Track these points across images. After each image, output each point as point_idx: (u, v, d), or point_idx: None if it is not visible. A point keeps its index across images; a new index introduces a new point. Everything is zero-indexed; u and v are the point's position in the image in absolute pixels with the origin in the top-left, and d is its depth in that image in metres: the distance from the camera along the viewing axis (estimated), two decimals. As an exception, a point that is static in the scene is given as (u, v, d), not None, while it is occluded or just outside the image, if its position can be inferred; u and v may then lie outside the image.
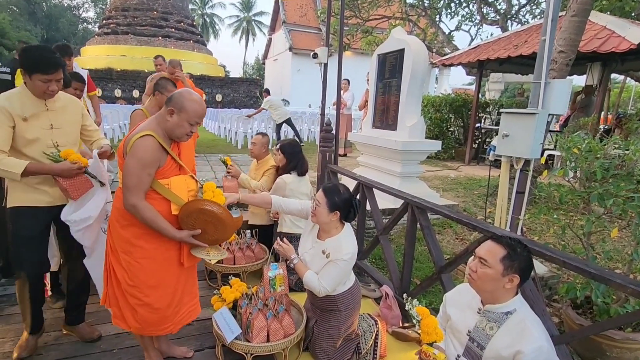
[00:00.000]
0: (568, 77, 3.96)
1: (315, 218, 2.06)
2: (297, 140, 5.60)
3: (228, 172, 3.06)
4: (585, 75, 6.51)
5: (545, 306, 1.89)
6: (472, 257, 1.72)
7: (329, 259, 2.01)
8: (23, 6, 34.05)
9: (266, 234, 3.31)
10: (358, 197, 3.14)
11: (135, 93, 17.62)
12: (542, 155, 2.72)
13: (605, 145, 2.24)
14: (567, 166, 2.23)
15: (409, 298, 2.14)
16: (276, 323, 2.09)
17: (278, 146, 3.15)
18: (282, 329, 2.09)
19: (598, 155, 2.06)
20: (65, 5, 39.77)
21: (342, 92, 6.02)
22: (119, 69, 17.27)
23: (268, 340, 2.06)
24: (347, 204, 2.02)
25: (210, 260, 1.92)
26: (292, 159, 3.08)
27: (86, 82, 4.15)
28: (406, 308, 2.16)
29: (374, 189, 3.11)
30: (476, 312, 1.71)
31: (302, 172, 3.11)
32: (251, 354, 2.04)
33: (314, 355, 2.18)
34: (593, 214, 2.16)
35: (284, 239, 2.21)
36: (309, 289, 2.05)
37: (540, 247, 1.80)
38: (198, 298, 2.09)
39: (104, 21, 20.69)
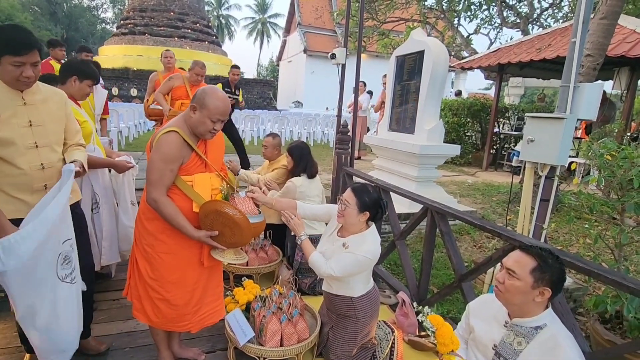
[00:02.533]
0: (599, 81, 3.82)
1: (343, 219, 1.96)
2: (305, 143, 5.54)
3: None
4: (611, 81, 6.30)
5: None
6: (500, 267, 1.63)
7: (347, 249, 1.91)
8: (44, 6, 34.87)
9: (279, 234, 3.25)
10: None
11: (151, 92, 17.75)
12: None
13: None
14: (600, 173, 2.11)
15: (421, 308, 2.06)
16: (290, 327, 2.03)
17: (287, 149, 3.12)
18: (296, 333, 2.04)
19: (634, 162, 1.94)
20: (85, 5, 40.60)
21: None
22: (135, 69, 17.46)
23: (281, 345, 2.01)
24: (376, 204, 1.94)
25: (227, 262, 1.88)
26: (301, 161, 3.02)
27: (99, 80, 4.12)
28: (419, 319, 2.07)
29: (390, 193, 3.04)
30: (502, 325, 1.63)
31: (311, 174, 3.04)
32: (264, 358, 1.99)
33: (328, 362, 2.10)
34: (627, 225, 2.04)
35: (298, 214, 2.14)
36: (314, 268, 1.94)
37: (572, 258, 1.70)
38: (222, 300, 2.05)
39: (122, 21, 21.02)
